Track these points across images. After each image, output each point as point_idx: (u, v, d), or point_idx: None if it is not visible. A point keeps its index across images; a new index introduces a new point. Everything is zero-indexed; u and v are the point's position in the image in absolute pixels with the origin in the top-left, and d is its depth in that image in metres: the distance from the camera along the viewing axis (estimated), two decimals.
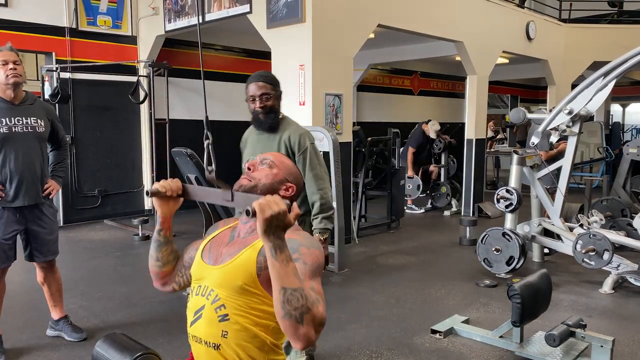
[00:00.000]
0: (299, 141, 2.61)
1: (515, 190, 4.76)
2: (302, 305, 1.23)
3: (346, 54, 5.82)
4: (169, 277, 1.72)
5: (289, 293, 1.23)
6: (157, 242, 1.67)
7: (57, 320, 3.43)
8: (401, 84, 11.96)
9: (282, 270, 1.24)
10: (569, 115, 4.61)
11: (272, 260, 1.24)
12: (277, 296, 1.24)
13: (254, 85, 2.59)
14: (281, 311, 1.24)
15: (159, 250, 1.67)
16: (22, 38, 6.55)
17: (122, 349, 1.61)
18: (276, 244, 1.23)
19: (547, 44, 9.31)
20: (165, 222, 1.65)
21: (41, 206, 3.16)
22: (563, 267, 5.10)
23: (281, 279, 1.24)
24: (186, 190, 1.59)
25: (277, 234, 1.23)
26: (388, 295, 4.31)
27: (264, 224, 1.21)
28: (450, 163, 8.81)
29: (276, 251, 1.24)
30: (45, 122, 3.14)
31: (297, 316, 1.23)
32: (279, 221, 1.22)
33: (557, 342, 2.92)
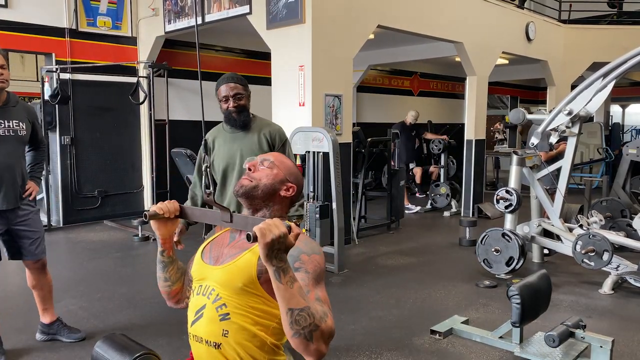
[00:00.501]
0: (278, 136, 2.84)
1: (514, 191, 4.76)
2: (310, 324, 1.25)
3: (346, 54, 5.83)
4: (181, 294, 1.74)
5: (296, 314, 1.25)
6: (162, 263, 1.68)
7: (49, 324, 3.37)
8: (401, 84, 11.97)
9: (287, 293, 1.25)
10: (569, 116, 4.61)
11: (277, 283, 1.25)
12: (285, 317, 1.26)
13: (226, 86, 2.74)
14: (290, 331, 1.26)
15: (166, 271, 1.69)
16: (22, 39, 6.56)
17: (121, 350, 1.61)
18: (279, 267, 1.24)
19: (547, 44, 9.32)
20: (165, 242, 1.66)
21: (21, 208, 3.12)
22: (563, 268, 5.10)
23: (287, 300, 1.25)
24: (184, 211, 1.61)
25: (279, 257, 1.24)
26: (388, 295, 4.31)
27: (265, 248, 1.22)
28: (450, 164, 8.82)
29: (280, 274, 1.24)
30: (27, 125, 3.12)
31: (306, 334, 1.25)
32: (280, 244, 1.23)
33: (556, 342, 2.92)
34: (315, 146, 4.96)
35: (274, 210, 1.61)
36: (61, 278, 4.86)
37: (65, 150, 7.01)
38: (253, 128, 2.82)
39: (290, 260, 1.35)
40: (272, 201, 1.60)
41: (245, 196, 1.57)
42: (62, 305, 4.05)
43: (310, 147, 5.00)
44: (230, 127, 2.82)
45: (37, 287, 3.30)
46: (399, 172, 7.04)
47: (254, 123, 2.84)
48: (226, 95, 2.74)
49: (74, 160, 7.08)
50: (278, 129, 2.88)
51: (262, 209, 1.60)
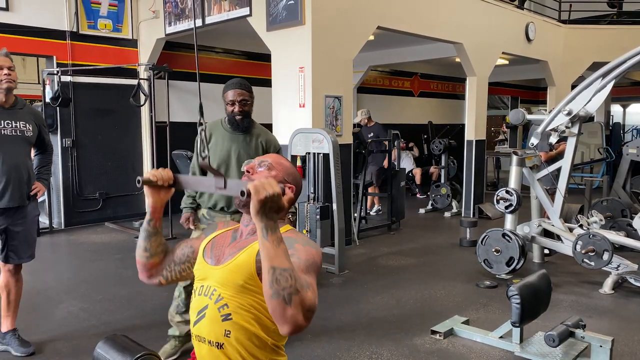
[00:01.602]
0: (273, 145, 3.10)
1: (514, 191, 4.77)
2: (290, 286, 1.22)
3: (346, 56, 5.84)
4: (156, 270, 1.70)
5: (277, 272, 1.22)
6: (146, 232, 1.65)
7: (5, 333, 3.27)
8: (401, 85, 11.98)
9: (272, 251, 1.23)
10: (568, 116, 4.62)
11: (263, 240, 1.24)
12: (266, 276, 1.23)
13: (234, 92, 2.96)
14: (269, 290, 1.23)
15: (148, 241, 1.66)
16: (24, 42, 6.58)
17: (122, 350, 1.62)
18: (268, 225, 1.23)
19: (547, 45, 9.33)
20: (155, 212, 1.63)
21: (25, 209, 3.16)
22: (563, 268, 5.10)
23: (271, 258, 1.23)
24: (178, 180, 1.57)
25: (270, 215, 1.23)
26: (388, 296, 4.32)
27: (258, 204, 1.21)
28: (451, 164, 8.82)
29: (267, 232, 1.24)
30: (33, 127, 3.17)
31: (285, 296, 1.21)
32: (273, 203, 1.22)
33: (556, 342, 2.93)
34: (315, 147, 4.97)
35: None
36: (63, 280, 4.89)
37: (66, 152, 7.03)
38: (252, 133, 3.04)
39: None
40: None
41: (247, 206, 1.56)
42: (63, 306, 4.08)
43: (311, 149, 5.01)
44: (232, 128, 3.01)
45: (8, 290, 3.23)
46: (399, 173, 7.04)
47: (253, 129, 3.06)
48: (233, 100, 2.95)
49: (75, 163, 7.10)
50: (274, 139, 3.13)
51: None
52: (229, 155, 2.99)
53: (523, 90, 15.49)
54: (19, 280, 3.27)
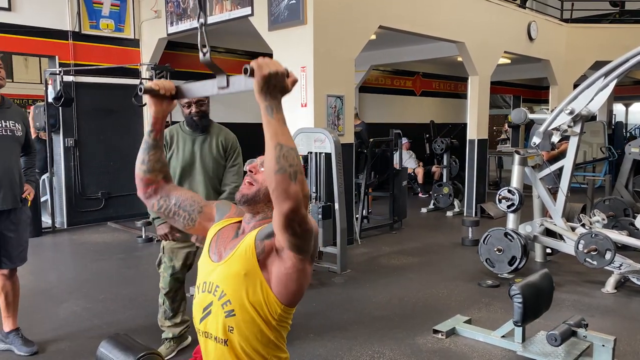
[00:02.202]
0: (232, 144, 3.15)
1: (517, 191, 4.76)
2: (297, 164, 1.23)
3: (348, 55, 5.84)
4: (153, 190, 1.69)
5: (285, 149, 1.22)
6: (146, 143, 1.65)
7: (7, 333, 3.25)
8: (403, 84, 11.97)
9: (279, 128, 1.22)
10: (570, 115, 4.61)
11: (268, 118, 1.23)
12: (272, 152, 1.22)
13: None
14: (275, 166, 1.22)
15: (147, 153, 1.66)
16: (26, 42, 6.59)
17: (125, 350, 1.63)
18: (273, 103, 1.22)
19: (549, 44, 9.31)
20: (156, 123, 1.63)
21: (18, 211, 3.09)
22: (565, 267, 5.10)
23: (277, 135, 1.22)
24: (180, 90, 1.55)
25: (274, 94, 1.22)
26: (390, 295, 4.32)
27: (261, 81, 1.20)
28: (453, 163, 8.81)
29: (272, 110, 1.22)
30: (22, 127, 3.10)
31: (291, 172, 1.22)
32: (276, 81, 1.21)
33: (558, 341, 2.93)
34: (317, 147, 4.97)
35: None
36: (65, 279, 4.90)
37: (69, 152, 7.05)
38: (211, 133, 3.11)
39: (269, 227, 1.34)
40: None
41: (248, 203, 1.56)
42: (66, 306, 4.09)
43: (313, 148, 5.01)
44: (192, 130, 3.08)
45: (4, 293, 3.18)
46: (401, 172, 7.04)
47: (212, 128, 3.13)
48: (189, 102, 2.99)
49: (78, 162, 7.11)
50: (233, 136, 3.20)
51: (266, 211, 1.59)
52: (193, 156, 3.05)
53: (525, 90, 15.46)
54: (15, 282, 3.22)
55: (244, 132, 4.73)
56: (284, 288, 1.48)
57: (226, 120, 7.54)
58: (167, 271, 3.10)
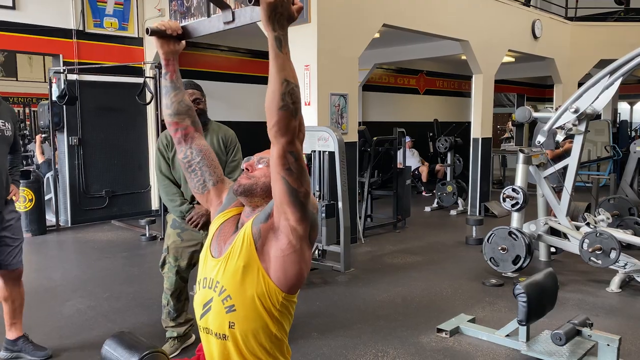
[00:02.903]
0: (231, 140, 3.20)
1: (521, 189, 4.75)
2: (299, 101, 1.26)
3: (351, 53, 5.83)
4: (182, 133, 1.72)
5: (291, 87, 1.24)
6: (165, 87, 1.68)
7: (14, 340, 3.14)
8: (407, 83, 11.95)
9: (286, 62, 1.23)
10: (575, 113, 4.59)
11: (276, 51, 1.23)
12: (279, 87, 1.23)
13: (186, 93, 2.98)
14: (280, 102, 1.24)
15: (168, 96, 1.68)
16: (30, 40, 6.60)
17: (129, 348, 1.63)
18: (280, 35, 1.22)
19: (553, 42, 9.28)
20: (168, 64, 1.65)
21: (7, 212, 2.99)
22: (570, 266, 5.08)
23: (285, 70, 1.23)
24: (186, 29, 1.56)
25: (281, 22, 1.21)
26: (394, 294, 4.32)
27: (268, 9, 1.19)
28: (457, 162, 8.80)
29: (281, 42, 1.22)
30: (11, 126, 2.99)
31: (293, 110, 1.25)
32: (283, 8, 1.20)
33: (563, 341, 2.92)
34: (321, 145, 4.97)
35: None
36: (70, 278, 4.91)
37: (73, 150, 7.06)
38: (210, 130, 3.14)
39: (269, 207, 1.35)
40: (271, 198, 1.60)
41: (244, 194, 1.56)
42: (70, 304, 4.10)
43: (316, 147, 5.01)
44: None
45: (9, 299, 3.08)
46: (404, 171, 7.03)
47: (210, 125, 3.16)
48: None
49: (82, 161, 7.13)
50: (232, 132, 3.24)
51: (262, 205, 1.59)
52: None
53: (529, 88, 15.41)
54: (20, 286, 3.13)
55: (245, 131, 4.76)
56: (283, 273, 1.45)
57: (227, 119, 7.58)
58: (172, 271, 3.10)
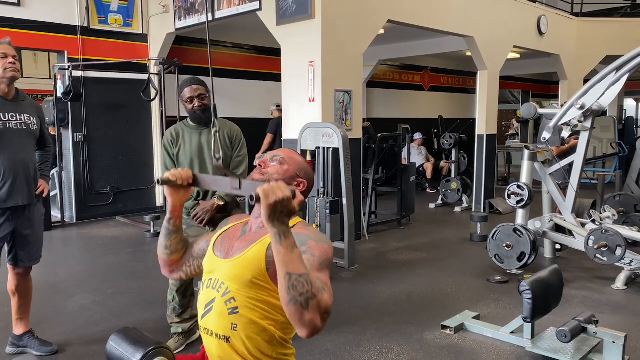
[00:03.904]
0: (237, 135, 3.20)
1: (526, 186, 4.73)
2: (307, 291, 1.23)
3: (356, 50, 5.82)
4: (177, 266, 1.74)
5: (294, 279, 1.23)
6: (166, 230, 1.68)
7: (20, 336, 3.15)
8: (411, 79, 11.92)
9: (287, 257, 1.24)
10: (581, 110, 4.57)
11: (277, 246, 1.24)
12: (282, 282, 1.24)
13: (190, 89, 3.06)
14: (286, 297, 1.24)
15: (169, 239, 1.69)
16: (35, 37, 6.62)
17: (134, 343, 1.63)
18: (281, 230, 1.23)
19: (559, 38, 9.23)
20: (175, 211, 1.66)
21: (33, 207, 3.03)
22: (575, 263, 5.06)
23: (286, 264, 1.23)
24: (197, 179, 1.60)
25: (281, 219, 1.23)
26: (398, 291, 4.31)
27: (268, 209, 1.21)
28: (461, 159, 8.78)
29: (281, 237, 1.24)
30: (37, 120, 3.04)
31: (302, 302, 1.22)
32: (283, 207, 1.22)
33: (568, 338, 2.91)
34: (325, 142, 4.96)
35: None
36: (74, 273, 4.93)
37: (78, 147, 7.08)
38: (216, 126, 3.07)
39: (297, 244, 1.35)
40: None
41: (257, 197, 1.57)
42: (75, 300, 4.11)
43: (321, 143, 5.00)
44: (196, 124, 3.13)
45: (20, 292, 3.11)
46: (409, 167, 7.01)
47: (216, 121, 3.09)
48: (191, 97, 3.05)
49: (87, 157, 7.15)
50: (237, 129, 3.24)
51: None
52: (201, 148, 3.07)
53: (534, 84, 15.35)
54: (29, 281, 3.15)
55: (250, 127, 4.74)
56: None
57: (232, 115, 7.58)
58: None
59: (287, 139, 5.82)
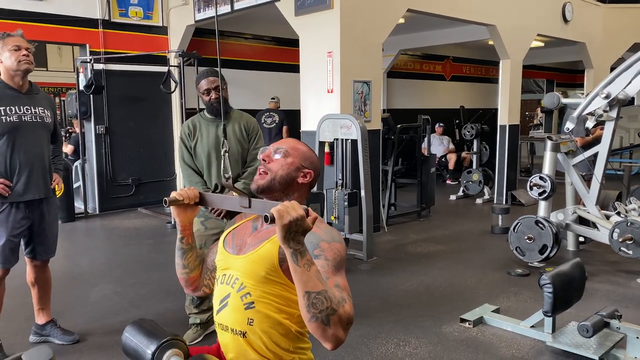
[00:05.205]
0: (254, 126, 3.20)
1: (548, 177, 4.64)
2: (327, 308, 1.24)
3: (375, 40, 5.75)
4: (198, 282, 1.75)
5: (313, 297, 1.24)
6: (181, 250, 1.70)
7: (43, 325, 3.19)
8: (433, 69, 11.77)
9: (304, 276, 1.24)
10: (606, 99, 4.44)
11: (294, 266, 1.25)
12: (302, 301, 1.25)
13: (206, 80, 3.04)
14: (307, 315, 1.25)
15: (184, 258, 1.70)
16: (57, 30, 6.71)
17: (149, 335, 1.63)
18: (297, 250, 1.24)
19: (585, 25, 8.99)
20: (185, 229, 1.67)
21: (48, 201, 3.03)
22: (599, 256, 4.96)
23: (304, 283, 1.24)
24: (203, 198, 1.61)
25: (296, 239, 1.24)
26: (417, 283, 4.28)
27: (283, 230, 1.21)
28: (483, 150, 8.65)
29: (297, 257, 1.24)
30: (51, 113, 3.02)
31: (323, 318, 1.24)
32: (297, 227, 1.22)
33: (590, 332, 2.85)
34: (343, 133, 4.93)
35: (294, 199, 1.59)
36: (97, 264, 5.01)
37: (100, 139, 7.18)
38: (233, 118, 3.14)
39: (309, 247, 1.34)
40: (290, 190, 1.58)
41: (264, 192, 1.56)
42: (97, 290, 4.18)
43: (339, 135, 4.97)
44: (213, 116, 3.12)
45: (39, 283, 3.14)
46: (429, 158, 6.94)
47: (232, 113, 3.17)
48: (208, 88, 3.04)
49: (109, 149, 7.24)
50: (254, 121, 3.24)
51: (283, 199, 1.58)
52: (218, 140, 3.06)
53: (559, 74, 15.03)
54: (47, 272, 3.18)
55: None
56: None
57: (252, 107, 7.59)
58: None
59: (305, 130, 5.80)
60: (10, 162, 2.84)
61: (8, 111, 2.82)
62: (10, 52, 2.81)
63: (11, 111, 2.83)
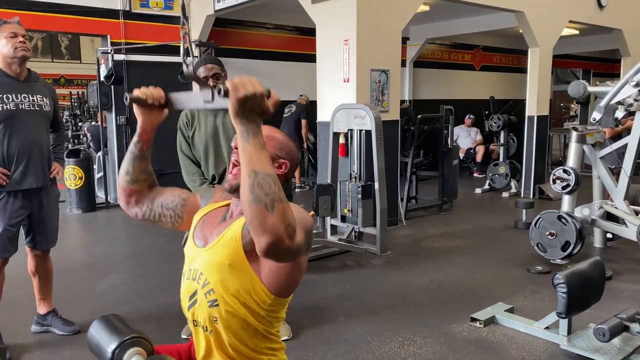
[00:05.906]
0: None
1: (573, 170, 4.40)
2: (274, 192, 1.10)
3: (393, 27, 5.56)
4: (136, 199, 1.61)
5: (260, 177, 1.10)
6: (131, 154, 1.57)
7: (44, 315, 3.18)
8: (461, 59, 11.46)
9: (254, 155, 1.12)
10: (637, 87, 4.17)
11: (244, 144, 1.12)
12: (246, 180, 1.11)
13: (204, 68, 2.92)
14: (250, 196, 1.10)
15: (132, 164, 1.58)
16: (79, 21, 6.75)
17: (112, 331, 1.57)
18: (249, 128, 1.12)
19: (621, 11, 8.54)
20: (144, 134, 1.56)
21: (47, 190, 3.00)
22: (627, 254, 4.70)
23: (253, 162, 1.11)
24: (169, 99, 1.48)
25: (251, 117, 1.12)
26: (430, 280, 4.12)
27: (236, 104, 1.10)
28: (510, 141, 8.36)
29: (249, 135, 1.12)
30: (50, 102, 2.98)
31: (267, 202, 1.09)
32: (254, 104, 1.11)
33: (607, 337, 2.67)
34: (357, 124, 4.78)
35: None
36: (111, 254, 5.04)
37: (121, 130, 7.22)
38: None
39: None
40: None
41: (236, 192, 1.44)
42: (106, 280, 4.18)
43: (353, 125, 4.83)
44: None
45: (39, 273, 3.12)
46: (451, 150, 6.72)
47: None
48: (206, 76, 2.91)
49: (130, 140, 7.25)
50: None
51: None
52: (216, 130, 2.98)
53: (596, 63, 14.43)
54: (48, 261, 3.16)
55: None
56: (275, 280, 1.39)
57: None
58: None
59: (321, 121, 5.67)
60: (7, 151, 2.83)
61: (5, 99, 2.80)
62: (7, 40, 2.80)
63: (8, 99, 2.81)
